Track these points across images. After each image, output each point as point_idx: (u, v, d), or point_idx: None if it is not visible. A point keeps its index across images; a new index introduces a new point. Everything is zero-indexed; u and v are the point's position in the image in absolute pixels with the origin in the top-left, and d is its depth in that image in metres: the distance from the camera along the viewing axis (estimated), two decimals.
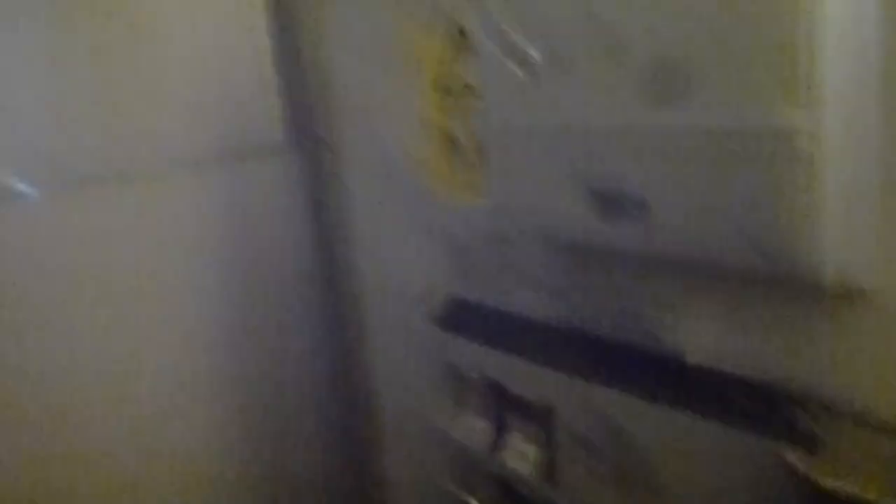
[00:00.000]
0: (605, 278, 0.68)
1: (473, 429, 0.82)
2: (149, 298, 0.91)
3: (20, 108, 0.80)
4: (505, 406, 0.79)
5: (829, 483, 0.51)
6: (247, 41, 0.95)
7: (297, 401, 1.08)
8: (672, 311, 0.63)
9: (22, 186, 0.81)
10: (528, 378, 0.75)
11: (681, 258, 0.55)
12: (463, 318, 0.84)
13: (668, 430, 0.64)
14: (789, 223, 0.47)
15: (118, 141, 0.86)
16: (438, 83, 0.79)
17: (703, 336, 0.62)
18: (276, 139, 1.00)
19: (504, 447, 0.78)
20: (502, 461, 0.78)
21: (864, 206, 0.48)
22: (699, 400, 0.61)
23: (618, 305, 0.68)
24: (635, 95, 0.52)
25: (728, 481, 0.58)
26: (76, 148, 0.84)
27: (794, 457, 0.53)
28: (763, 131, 0.46)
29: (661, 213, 0.53)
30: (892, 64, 0.45)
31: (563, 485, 0.74)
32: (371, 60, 0.88)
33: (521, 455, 0.76)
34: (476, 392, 0.82)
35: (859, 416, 0.52)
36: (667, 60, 0.50)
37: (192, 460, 0.98)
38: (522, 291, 0.78)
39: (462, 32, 0.74)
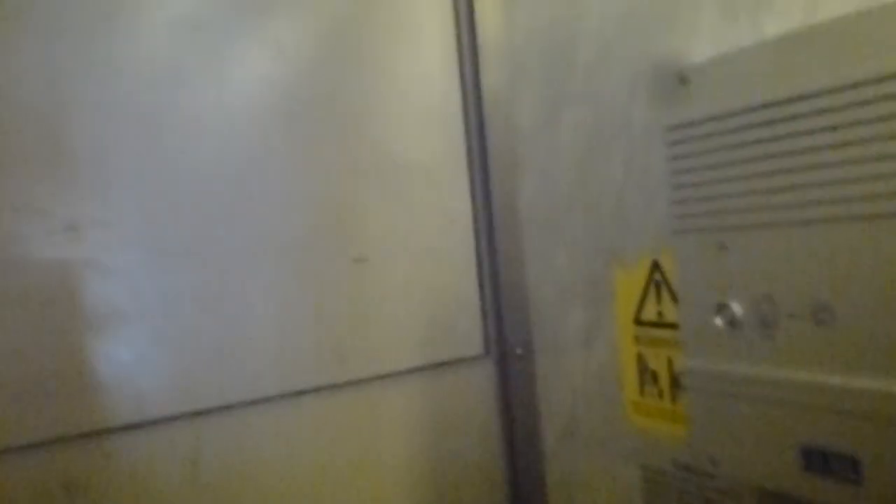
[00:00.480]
0: None
1: None
2: (351, 486, 0.99)
3: (253, 324, 0.94)
4: None
5: None
6: (454, 271, 1.07)
7: None
8: None
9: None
10: None
11: None
12: None
13: None
14: None
15: (341, 355, 0.98)
16: (636, 315, 0.85)
17: None
18: (475, 352, 1.09)
19: None
20: None
21: None
22: None
23: None
24: (842, 362, 0.56)
25: None
26: (306, 358, 0.97)
27: None
28: None
29: (874, 475, 0.55)
30: None
31: None
32: (570, 292, 0.96)
33: None
34: None
35: None
36: (882, 334, 0.54)
37: None
38: None
39: (661, 271, 0.81)
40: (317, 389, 0.96)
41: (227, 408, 0.89)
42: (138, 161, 0.83)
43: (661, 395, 0.84)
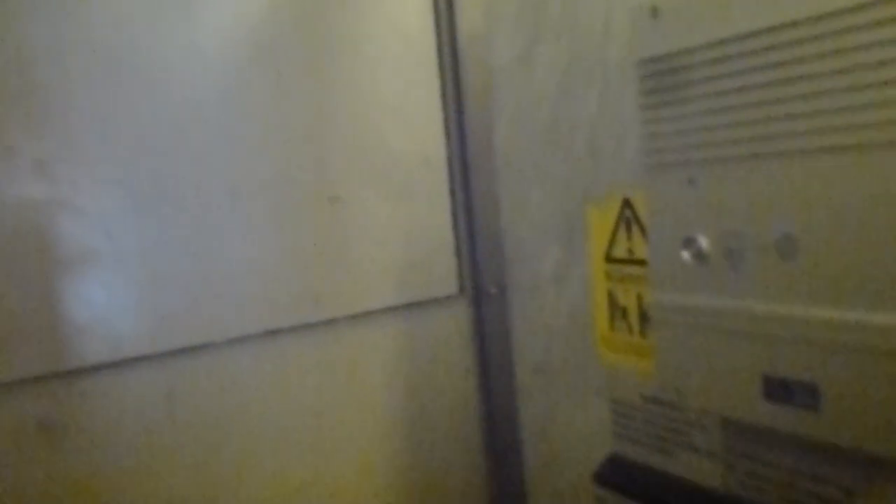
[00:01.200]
0: (770, 451, 0.71)
1: None
2: (333, 420, 1.00)
3: (228, 264, 0.93)
4: None
5: None
6: (429, 211, 1.07)
7: None
8: (843, 491, 0.64)
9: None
10: None
11: (852, 447, 0.57)
12: (623, 475, 0.87)
13: None
14: None
15: (317, 295, 0.99)
16: (607, 253, 0.86)
17: None
18: (450, 291, 1.10)
19: None
20: None
21: None
22: None
23: (783, 479, 0.70)
24: (805, 292, 0.57)
25: None
26: (283, 298, 0.97)
27: None
28: None
29: (833, 402, 0.57)
30: None
31: None
32: (544, 230, 0.97)
33: None
34: None
35: None
36: (847, 267, 0.55)
37: None
38: (683, 454, 0.80)
39: (632, 208, 0.82)
40: (293, 329, 0.97)
41: (204, 347, 0.90)
42: (108, 100, 0.82)
43: (630, 330, 0.85)
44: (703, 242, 0.65)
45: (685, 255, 0.66)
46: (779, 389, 0.61)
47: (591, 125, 0.87)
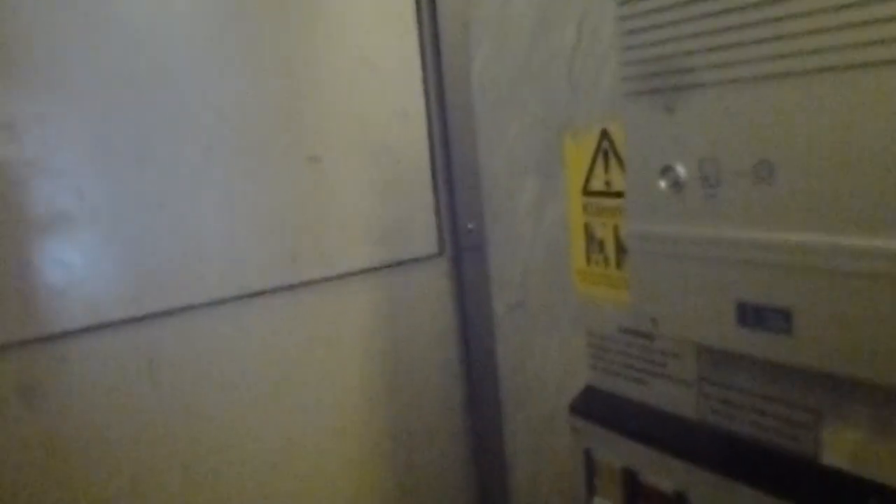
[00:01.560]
0: (743, 378, 0.72)
1: None
2: (313, 381, 1.01)
3: (206, 226, 0.92)
4: (636, 492, 0.82)
5: None
6: (413, 174, 1.06)
7: (432, 479, 1.14)
8: (813, 413, 0.66)
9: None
10: (660, 467, 0.78)
11: (823, 369, 0.58)
12: (598, 406, 0.89)
13: None
14: None
15: (295, 256, 0.98)
16: (584, 185, 0.86)
17: (842, 440, 0.64)
18: (430, 251, 1.10)
19: None
20: None
21: None
22: (832, 501, 0.63)
23: (754, 405, 0.71)
24: (780, 218, 0.57)
25: None
26: (262, 259, 0.96)
27: None
28: None
29: (805, 327, 0.57)
30: None
31: None
32: (521, 164, 0.96)
33: None
34: (608, 477, 0.86)
35: None
36: (822, 192, 0.55)
37: None
38: (658, 383, 0.82)
39: (610, 140, 0.81)
40: (273, 290, 0.96)
41: (182, 310, 0.89)
42: (79, 61, 0.80)
43: (606, 262, 0.85)
44: (680, 171, 0.64)
45: (662, 183, 0.66)
46: (752, 315, 0.61)
47: (569, 56, 0.85)
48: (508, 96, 0.97)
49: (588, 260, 0.88)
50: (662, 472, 0.79)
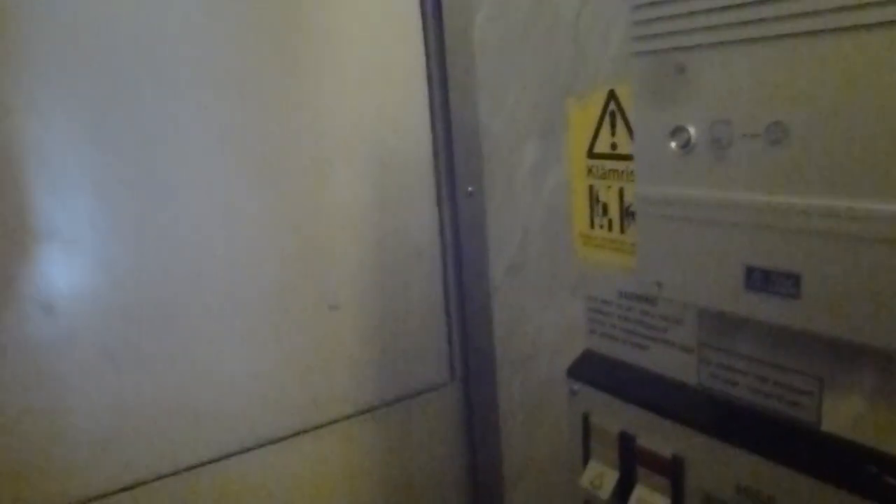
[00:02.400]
0: (745, 344, 0.71)
1: (601, 477, 0.85)
2: None
3: (237, 370, 0.94)
4: (634, 457, 0.82)
5: None
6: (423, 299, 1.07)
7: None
8: (815, 380, 0.65)
9: None
10: (658, 431, 0.78)
11: (830, 335, 0.57)
12: (597, 370, 0.88)
13: (797, 495, 0.66)
14: None
15: (297, 398, 0.99)
16: (589, 148, 0.85)
17: (843, 406, 0.64)
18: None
19: (632, 499, 0.81)
20: None
21: None
22: (832, 468, 0.63)
23: (756, 371, 0.71)
24: (793, 181, 0.56)
25: None
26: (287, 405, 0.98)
27: None
28: None
29: (814, 291, 0.57)
30: None
31: None
32: (522, 126, 0.95)
33: None
34: (605, 442, 0.86)
35: None
36: (833, 152, 0.54)
37: None
38: (658, 349, 0.81)
39: (617, 101, 0.80)
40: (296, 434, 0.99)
41: (215, 461, 0.93)
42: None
43: (610, 226, 0.85)
44: (691, 132, 0.63)
45: (672, 145, 0.65)
46: (760, 279, 0.60)
47: (575, 15, 0.84)
48: (510, 56, 0.95)
49: (591, 224, 0.87)
50: (660, 436, 0.79)
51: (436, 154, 1.06)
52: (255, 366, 0.95)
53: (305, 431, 1.00)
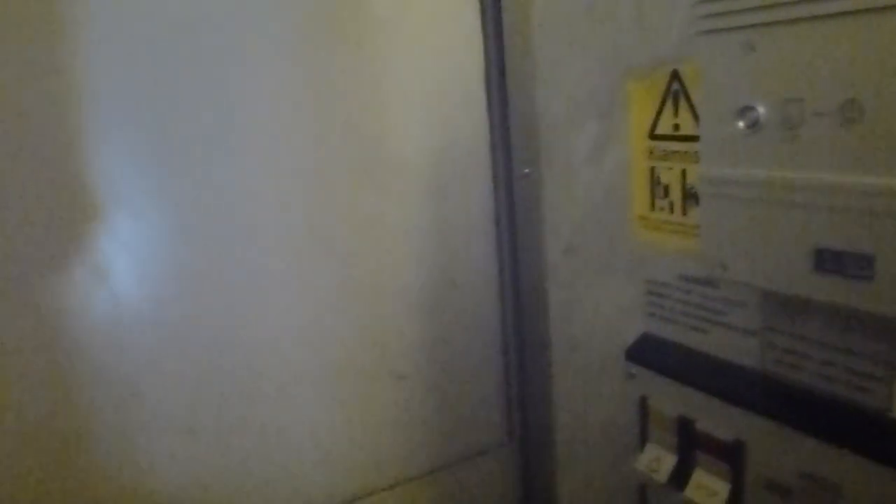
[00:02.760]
0: (812, 328, 0.70)
1: (659, 461, 0.85)
2: None
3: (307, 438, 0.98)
4: (693, 441, 0.81)
5: None
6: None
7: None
8: (886, 365, 0.64)
9: None
10: (719, 415, 0.78)
11: None
12: (656, 353, 0.88)
13: (864, 482, 0.65)
14: None
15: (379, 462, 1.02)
16: (650, 129, 0.84)
17: None
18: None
19: (691, 483, 0.81)
20: (690, 496, 0.80)
21: None
22: None
23: (823, 355, 0.69)
24: (866, 160, 0.55)
25: None
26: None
27: None
28: None
29: (888, 273, 0.55)
30: None
31: None
32: (581, 107, 0.94)
33: (708, 491, 0.78)
34: (662, 426, 0.85)
35: None
36: None
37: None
38: (719, 332, 0.80)
39: (680, 81, 0.79)
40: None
41: None
42: None
43: (671, 208, 0.83)
44: (760, 111, 0.62)
45: (740, 124, 0.64)
46: (831, 261, 0.59)
47: None
48: (569, 36, 0.94)
49: (651, 206, 0.86)
50: (721, 420, 0.78)
51: (493, 140, 1.06)
52: (321, 431, 0.98)
53: (369, 495, 1.04)
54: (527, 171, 1.05)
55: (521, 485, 1.20)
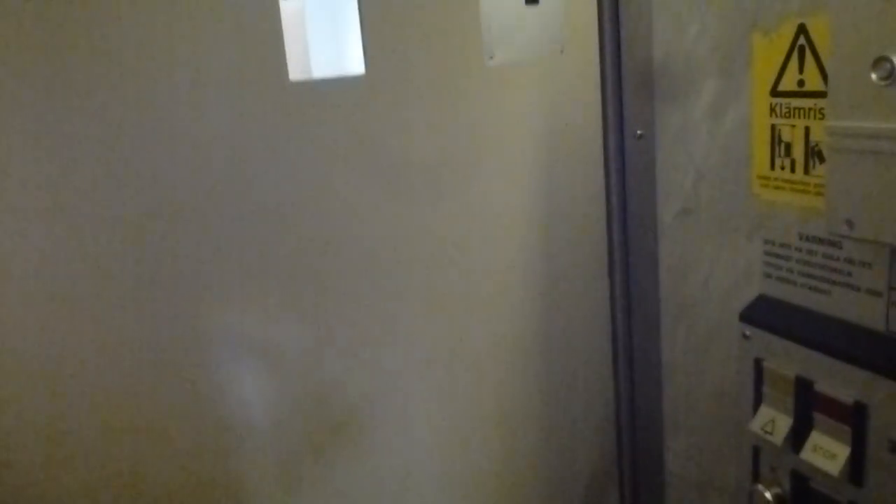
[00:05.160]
0: None
1: (775, 423, 0.84)
2: None
3: None
4: (811, 403, 0.80)
5: None
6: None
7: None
8: None
9: None
10: (840, 377, 0.76)
11: None
12: (773, 314, 0.87)
13: None
14: None
15: None
16: (773, 86, 0.82)
17: None
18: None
19: (808, 445, 0.80)
20: (807, 458, 0.79)
21: None
22: None
23: None
24: None
25: None
26: None
27: None
28: None
29: None
30: None
31: (870, 487, 0.74)
32: (701, 64, 0.93)
33: (827, 454, 0.77)
34: (779, 387, 0.84)
35: None
36: None
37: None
38: (841, 293, 0.79)
39: (807, 35, 0.77)
40: None
41: None
42: None
43: (793, 167, 0.82)
44: (895, 62, 0.60)
45: (874, 76, 0.62)
46: None
47: None
48: None
49: (772, 165, 0.84)
50: (842, 382, 0.77)
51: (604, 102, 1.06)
52: None
53: None
54: (640, 131, 1.05)
55: (628, 452, 1.21)
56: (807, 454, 0.80)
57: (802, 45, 0.77)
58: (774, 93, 0.82)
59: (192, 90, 0.76)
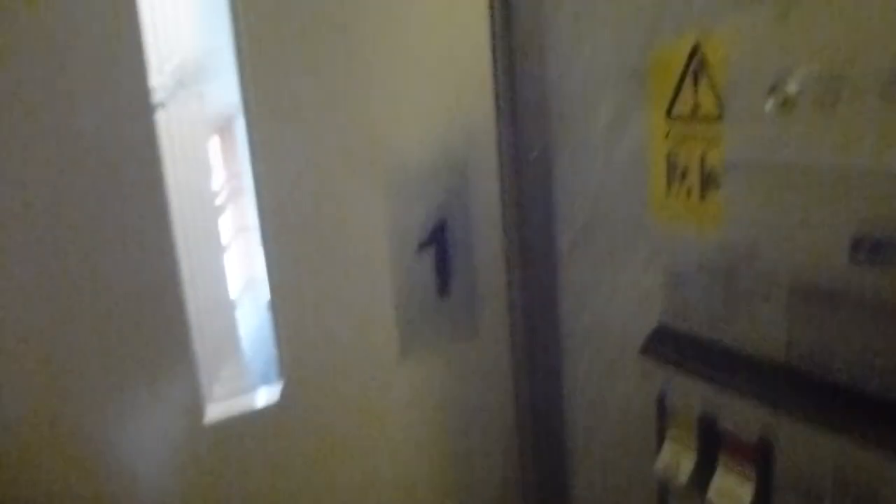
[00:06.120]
0: (845, 318, 0.65)
1: (679, 461, 0.80)
2: None
3: None
4: (715, 440, 0.77)
5: None
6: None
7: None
8: None
9: None
10: (744, 413, 0.73)
11: None
12: (673, 347, 0.83)
13: None
14: None
15: None
16: (668, 108, 0.79)
17: None
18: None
19: (713, 486, 0.76)
20: (710, 499, 0.75)
21: None
22: None
23: (851, 349, 0.64)
24: None
25: None
26: None
27: None
28: None
29: None
30: None
31: None
32: (596, 85, 0.89)
33: (732, 495, 0.74)
34: (682, 424, 0.81)
35: None
36: None
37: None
38: (742, 325, 0.75)
39: (702, 57, 0.73)
40: None
41: None
42: None
43: (689, 193, 0.78)
44: (792, 87, 0.57)
45: (770, 103, 0.59)
46: (869, 250, 0.55)
47: None
48: (585, 9, 0.89)
49: (668, 190, 0.81)
50: (746, 418, 0.73)
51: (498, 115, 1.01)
52: None
53: None
54: (534, 153, 1.00)
55: (535, 489, 1.16)
56: (712, 494, 0.76)
57: (696, 68, 0.74)
58: (670, 116, 0.79)
59: None
